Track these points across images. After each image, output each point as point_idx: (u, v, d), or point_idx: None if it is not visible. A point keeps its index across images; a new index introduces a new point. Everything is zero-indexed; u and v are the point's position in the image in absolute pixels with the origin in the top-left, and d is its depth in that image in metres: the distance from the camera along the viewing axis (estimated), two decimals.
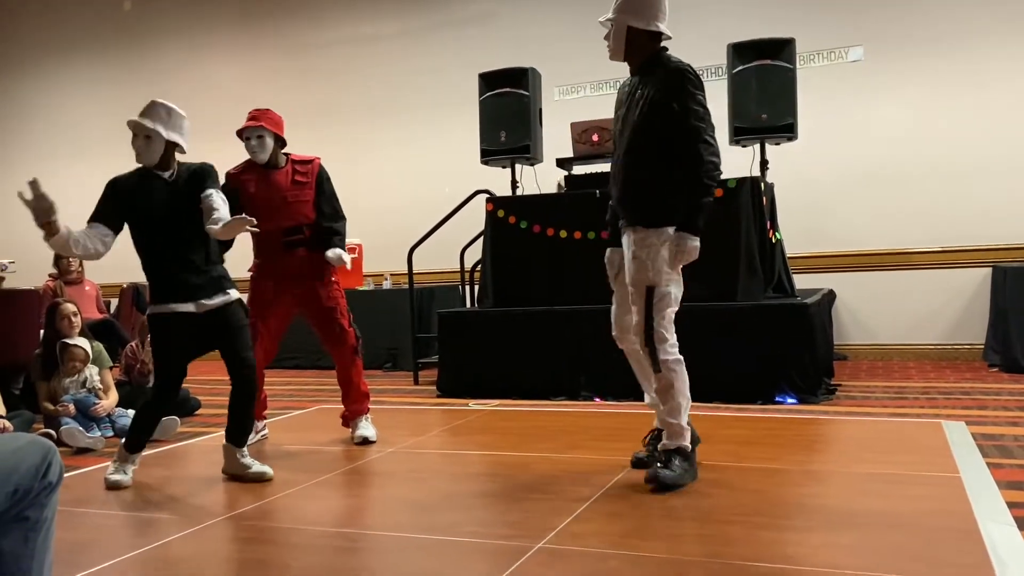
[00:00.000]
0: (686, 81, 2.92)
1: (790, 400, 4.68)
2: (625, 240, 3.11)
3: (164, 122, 3.29)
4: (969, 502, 2.71)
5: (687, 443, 3.05)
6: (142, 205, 3.31)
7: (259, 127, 3.98)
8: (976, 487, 2.89)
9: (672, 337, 3.02)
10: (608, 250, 3.29)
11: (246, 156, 4.08)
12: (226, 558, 2.54)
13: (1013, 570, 2.14)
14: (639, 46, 2.99)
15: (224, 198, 3.34)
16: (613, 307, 3.28)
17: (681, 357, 3.05)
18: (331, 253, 3.97)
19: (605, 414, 4.64)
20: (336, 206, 4.13)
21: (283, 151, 4.10)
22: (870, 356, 6.70)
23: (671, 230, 2.99)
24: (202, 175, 3.34)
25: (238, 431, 3.44)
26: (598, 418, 4.53)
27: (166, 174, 3.34)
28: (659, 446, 3.10)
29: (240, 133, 4.04)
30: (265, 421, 4.29)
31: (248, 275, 4.14)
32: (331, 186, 4.15)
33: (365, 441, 4.01)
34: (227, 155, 8.42)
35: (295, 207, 4.03)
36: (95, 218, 3.30)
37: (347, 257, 4.03)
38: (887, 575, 2.13)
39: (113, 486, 3.35)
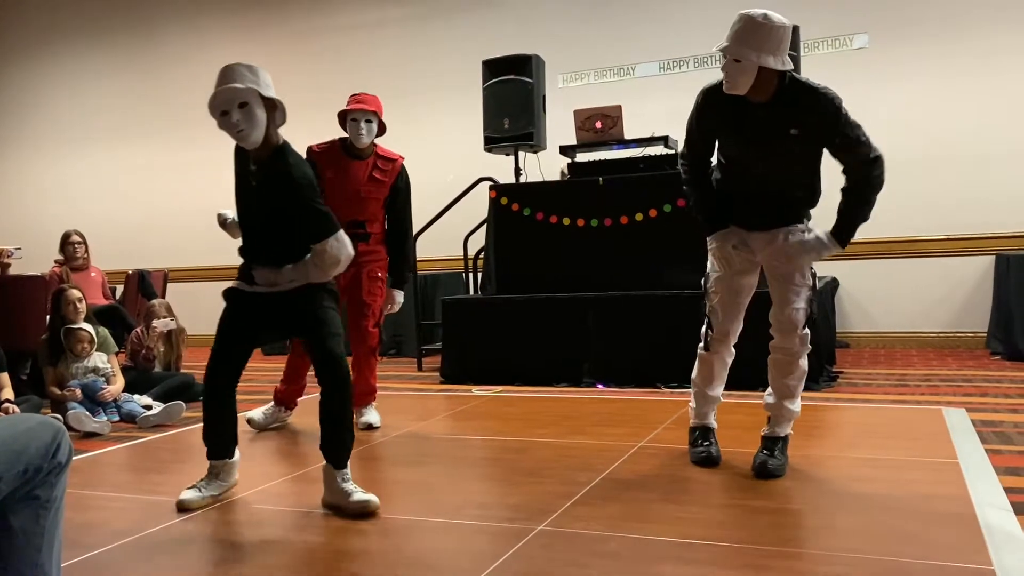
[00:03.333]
0: (841, 113, 2.79)
1: None
2: (768, 236, 3.00)
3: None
4: (967, 487, 2.74)
5: (791, 430, 3.13)
6: None
7: (371, 112, 3.96)
8: (974, 472, 2.91)
9: None
10: (727, 235, 3.05)
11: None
12: (231, 540, 2.57)
13: (1008, 553, 2.16)
14: (766, 82, 2.79)
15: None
16: (728, 314, 3.11)
17: None
18: (393, 304, 4.13)
19: (607, 400, 4.67)
20: (407, 214, 4.14)
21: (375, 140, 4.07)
22: (872, 344, 6.71)
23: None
24: None
25: (327, 446, 2.85)
26: (600, 404, 4.56)
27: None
28: (765, 433, 3.10)
29: (344, 115, 3.98)
30: (294, 409, 4.25)
31: None
32: (408, 191, 4.13)
33: (369, 427, 4.04)
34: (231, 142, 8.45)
35: (366, 203, 4.01)
36: None
37: (400, 299, 4.14)
38: (882, 557, 2.16)
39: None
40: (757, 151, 2.92)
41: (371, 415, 4.10)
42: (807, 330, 3.02)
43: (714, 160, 3.11)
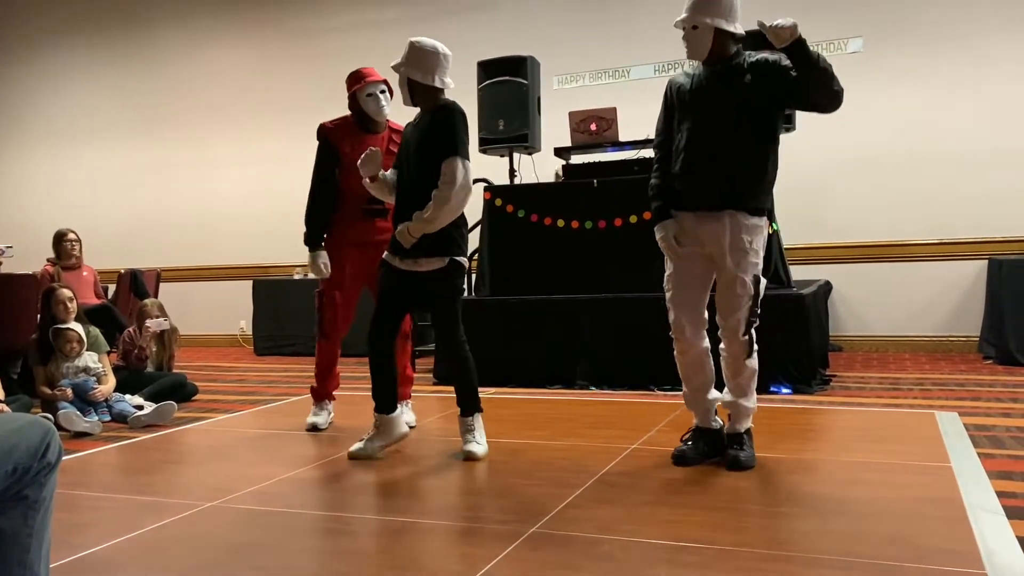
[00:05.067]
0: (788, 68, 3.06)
1: (785, 390, 4.71)
2: (715, 227, 3.06)
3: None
4: (959, 491, 2.74)
5: (751, 423, 3.22)
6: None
7: (383, 81, 3.91)
8: (967, 476, 2.91)
9: None
10: (668, 224, 3.20)
11: (247, 143, 4.03)
12: (220, 541, 2.55)
13: (1000, 557, 2.17)
14: (723, 46, 3.06)
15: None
16: (679, 307, 3.16)
17: None
18: None
19: (600, 402, 4.67)
20: None
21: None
22: (865, 347, 6.73)
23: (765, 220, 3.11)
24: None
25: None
26: (593, 406, 4.56)
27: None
28: (727, 431, 3.19)
29: (354, 94, 3.94)
30: (334, 402, 4.19)
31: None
32: None
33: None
34: (230, 139, 8.43)
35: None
36: None
37: None
38: (875, 561, 2.16)
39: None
40: (710, 104, 3.07)
41: (406, 414, 3.95)
42: (749, 336, 3.10)
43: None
